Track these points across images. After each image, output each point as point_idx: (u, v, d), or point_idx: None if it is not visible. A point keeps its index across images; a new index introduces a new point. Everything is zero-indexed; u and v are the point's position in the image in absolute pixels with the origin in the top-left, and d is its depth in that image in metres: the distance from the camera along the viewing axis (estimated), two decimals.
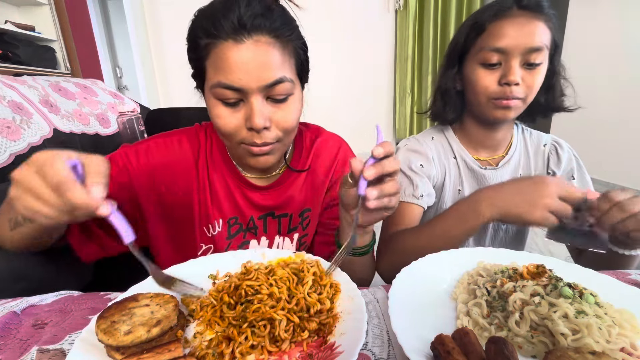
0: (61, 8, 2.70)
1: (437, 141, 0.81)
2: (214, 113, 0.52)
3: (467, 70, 0.71)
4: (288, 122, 0.53)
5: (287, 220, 0.68)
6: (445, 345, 0.31)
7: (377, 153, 0.42)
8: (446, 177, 0.79)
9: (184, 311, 0.42)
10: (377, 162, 0.42)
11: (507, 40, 0.64)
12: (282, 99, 0.52)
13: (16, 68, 2.32)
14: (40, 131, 0.76)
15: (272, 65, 0.49)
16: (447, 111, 0.78)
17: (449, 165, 0.80)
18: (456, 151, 0.80)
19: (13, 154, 0.69)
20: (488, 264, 0.49)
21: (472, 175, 0.79)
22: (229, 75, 0.48)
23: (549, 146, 0.80)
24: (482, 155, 0.80)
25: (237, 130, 0.52)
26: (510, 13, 0.64)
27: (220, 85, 0.49)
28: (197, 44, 0.50)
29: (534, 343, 0.36)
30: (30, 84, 0.84)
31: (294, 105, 0.54)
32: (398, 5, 3.73)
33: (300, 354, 0.36)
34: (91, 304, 0.47)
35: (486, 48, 0.66)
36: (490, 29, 0.66)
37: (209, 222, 0.63)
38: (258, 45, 0.48)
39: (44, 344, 0.38)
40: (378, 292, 0.48)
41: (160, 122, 1.14)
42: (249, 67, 0.48)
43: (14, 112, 0.73)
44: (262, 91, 0.50)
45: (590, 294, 0.39)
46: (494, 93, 0.67)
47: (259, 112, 0.50)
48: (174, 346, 0.33)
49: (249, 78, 0.48)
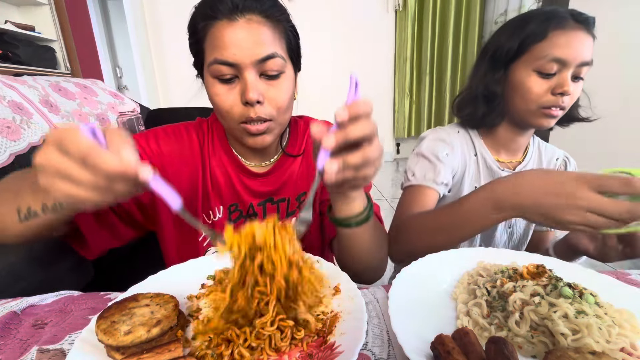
0: (61, 8, 2.70)
1: (461, 135, 0.83)
2: (212, 92, 0.55)
3: (517, 76, 0.70)
4: (280, 99, 0.56)
5: (285, 205, 0.70)
6: (445, 345, 0.31)
7: (339, 117, 0.35)
8: (466, 172, 0.81)
9: (184, 311, 0.42)
10: (341, 128, 0.36)
11: (569, 51, 0.63)
12: (274, 75, 0.55)
13: (16, 68, 2.32)
14: (40, 131, 0.76)
15: (264, 42, 0.52)
16: (493, 117, 0.76)
17: (470, 161, 0.81)
18: (478, 149, 0.81)
19: (13, 153, 0.69)
20: (488, 264, 0.49)
21: (490, 175, 0.81)
22: (224, 51, 0.51)
23: (560, 160, 0.83)
24: (502, 157, 0.81)
25: (233, 107, 0.55)
26: (569, 25, 0.64)
27: (217, 61, 0.52)
28: (196, 28, 0.55)
29: (534, 343, 0.36)
30: (30, 84, 0.84)
31: (286, 84, 0.57)
32: (397, 6, 3.73)
33: (300, 353, 0.36)
34: (91, 304, 0.47)
35: (547, 57, 0.65)
36: (553, 38, 0.64)
37: (210, 208, 0.65)
38: (250, 23, 0.52)
39: (44, 344, 0.38)
40: (378, 292, 0.48)
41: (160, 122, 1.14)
42: (242, 43, 0.51)
43: (14, 112, 0.73)
44: (255, 66, 0.53)
45: (590, 294, 0.39)
46: (547, 102, 0.67)
47: (252, 85, 0.52)
48: (174, 346, 0.33)
49: (243, 53, 0.51)
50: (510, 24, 0.72)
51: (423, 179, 0.75)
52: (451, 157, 0.78)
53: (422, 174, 0.76)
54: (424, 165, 0.77)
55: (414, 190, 0.76)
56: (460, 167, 0.80)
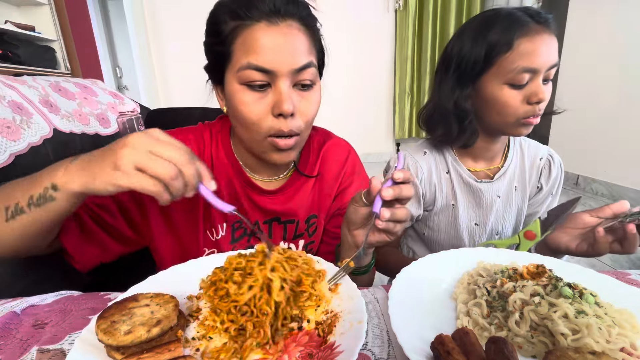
0: (61, 8, 2.70)
1: (429, 156, 0.79)
2: (238, 100, 0.51)
3: (487, 90, 0.66)
4: (310, 112, 0.54)
5: (294, 227, 0.66)
6: (445, 345, 0.31)
7: (397, 177, 0.44)
8: (437, 192, 0.79)
9: (184, 311, 0.42)
10: (395, 185, 0.44)
11: (537, 59, 0.60)
12: (308, 85, 0.52)
13: (16, 68, 2.32)
14: (40, 131, 0.76)
15: (302, 50, 0.50)
16: (468, 137, 0.72)
17: (441, 180, 0.79)
18: (450, 165, 0.78)
19: (13, 153, 0.69)
20: (488, 264, 0.49)
21: (467, 189, 0.78)
22: (260, 56, 0.48)
23: (544, 160, 0.80)
24: (479, 166, 0.78)
25: (262, 119, 0.51)
26: (532, 29, 0.61)
27: (250, 66, 0.48)
28: (221, 28, 0.50)
29: (534, 343, 0.36)
30: (30, 84, 0.84)
31: (317, 95, 0.55)
32: (398, 5, 3.73)
33: (300, 353, 0.36)
34: (91, 304, 0.47)
35: (517, 68, 0.61)
36: (520, 47, 0.61)
37: (213, 225, 0.62)
38: (290, 29, 0.49)
39: (44, 344, 0.38)
40: (378, 292, 0.48)
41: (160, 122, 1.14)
42: (281, 49, 0.48)
43: (14, 112, 0.73)
44: (291, 75, 0.50)
45: (590, 294, 0.39)
46: (524, 113, 0.64)
47: (287, 96, 0.49)
48: (174, 346, 0.33)
49: (281, 60, 0.48)
50: (471, 30, 0.67)
51: None
52: (415, 189, 0.76)
53: None
54: None
55: None
56: (429, 191, 0.79)
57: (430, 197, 0.79)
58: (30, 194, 0.42)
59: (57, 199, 0.42)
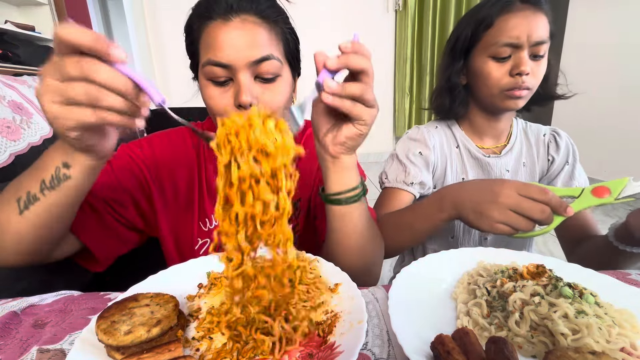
0: (61, 8, 2.70)
1: (440, 130, 0.83)
2: (206, 95, 0.54)
3: (475, 64, 0.73)
4: (275, 102, 0.54)
5: None
6: (445, 345, 0.31)
7: (344, 46, 0.39)
8: (447, 166, 0.81)
9: (184, 311, 0.42)
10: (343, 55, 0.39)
11: (518, 33, 0.66)
12: (270, 78, 0.53)
13: (16, 68, 2.32)
14: (40, 131, 0.76)
15: (259, 43, 0.51)
16: (456, 107, 0.79)
17: (451, 154, 0.82)
18: (459, 140, 0.82)
19: (13, 153, 0.69)
20: (488, 264, 0.49)
21: (476, 164, 0.81)
22: (218, 52, 0.50)
23: (548, 135, 0.83)
24: (487, 144, 0.82)
25: (226, 111, 0.52)
26: (516, 7, 0.67)
27: (210, 62, 0.51)
28: (192, 28, 0.54)
29: (534, 343, 0.36)
30: (30, 84, 0.84)
31: (283, 88, 0.55)
32: (397, 6, 3.73)
33: (300, 353, 0.36)
34: (91, 304, 0.47)
35: (498, 43, 0.67)
36: (500, 24, 0.67)
37: (206, 216, 0.64)
38: (245, 23, 0.51)
39: (44, 344, 0.38)
40: (378, 292, 0.48)
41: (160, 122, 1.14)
42: (236, 44, 0.50)
43: (14, 112, 0.73)
44: (250, 68, 0.51)
45: (590, 294, 0.39)
46: (506, 84, 0.69)
47: (246, 88, 0.50)
48: (174, 346, 0.33)
49: (237, 54, 0.50)
50: (468, 13, 0.75)
51: (395, 181, 0.77)
52: (426, 154, 0.79)
53: (394, 176, 0.78)
54: (396, 167, 0.79)
55: (388, 192, 0.79)
56: (440, 162, 0.81)
57: (442, 169, 0.82)
58: (42, 178, 0.41)
59: (73, 176, 0.40)
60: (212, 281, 0.48)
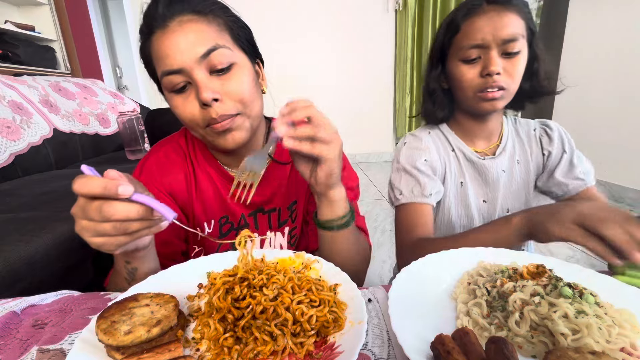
0: (61, 8, 2.70)
1: (434, 135, 0.83)
2: (173, 105, 0.55)
3: (450, 68, 0.74)
4: (239, 91, 0.54)
5: (277, 215, 0.69)
6: (445, 345, 0.31)
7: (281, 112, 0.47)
8: (447, 171, 0.81)
9: (184, 311, 0.42)
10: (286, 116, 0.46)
11: (481, 35, 0.66)
12: (224, 68, 0.53)
13: (16, 68, 2.31)
14: (40, 131, 0.76)
15: (202, 37, 0.51)
16: (437, 110, 0.80)
17: (449, 158, 0.81)
18: (454, 144, 0.81)
19: (13, 153, 0.69)
20: (488, 264, 0.49)
21: (472, 167, 0.81)
22: (166, 60, 0.51)
23: (538, 130, 0.83)
24: (479, 146, 0.82)
25: (194, 114, 0.53)
26: (481, 9, 0.67)
27: (164, 73, 0.52)
28: (143, 51, 0.56)
29: (534, 343, 0.36)
30: (30, 84, 0.84)
31: (241, 75, 0.55)
32: (397, 6, 3.73)
33: None
34: (91, 304, 0.47)
35: (465, 46, 0.68)
36: (465, 28, 0.69)
37: (200, 224, 0.65)
38: (182, 24, 0.51)
39: (44, 344, 0.38)
40: (378, 292, 0.48)
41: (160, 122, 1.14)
42: (180, 46, 0.50)
43: (14, 112, 0.73)
44: (201, 64, 0.51)
45: (590, 294, 0.39)
46: (478, 86, 0.69)
47: (203, 84, 0.51)
48: (174, 346, 0.33)
49: (183, 56, 0.50)
50: (444, 19, 0.76)
51: (411, 195, 0.74)
52: (430, 160, 0.78)
53: (409, 190, 0.75)
54: (408, 180, 0.76)
55: (407, 208, 0.75)
56: (440, 167, 0.80)
57: (442, 173, 0.81)
58: (123, 277, 0.50)
59: (137, 266, 0.49)
60: (212, 281, 0.48)
